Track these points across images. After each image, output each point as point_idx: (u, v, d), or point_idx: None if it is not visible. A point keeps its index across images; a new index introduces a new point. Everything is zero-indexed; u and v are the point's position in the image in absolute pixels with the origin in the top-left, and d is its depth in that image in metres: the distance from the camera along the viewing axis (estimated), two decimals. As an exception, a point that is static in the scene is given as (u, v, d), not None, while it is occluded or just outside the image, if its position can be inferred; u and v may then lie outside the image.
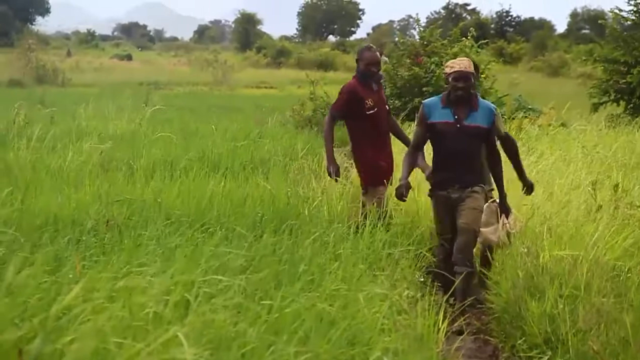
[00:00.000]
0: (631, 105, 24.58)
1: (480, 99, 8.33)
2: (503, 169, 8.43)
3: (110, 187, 9.87)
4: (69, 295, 4.04)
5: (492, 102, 9.72)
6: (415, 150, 8.55)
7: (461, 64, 8.14)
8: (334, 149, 9.78)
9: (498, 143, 8.45)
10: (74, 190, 9.84)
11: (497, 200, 8.59)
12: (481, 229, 8.38)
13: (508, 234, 8.65)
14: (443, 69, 9.01)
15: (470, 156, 8.20)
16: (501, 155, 8.43)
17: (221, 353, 4.53)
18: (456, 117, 8.11)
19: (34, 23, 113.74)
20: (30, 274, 4.51)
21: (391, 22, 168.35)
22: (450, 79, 8.12)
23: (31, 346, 3.32)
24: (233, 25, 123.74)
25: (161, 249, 6.71)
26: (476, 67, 8.79)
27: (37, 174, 11.17)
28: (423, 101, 8.47)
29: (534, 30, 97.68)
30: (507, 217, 8.61)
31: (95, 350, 3.82)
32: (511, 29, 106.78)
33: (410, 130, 14.45)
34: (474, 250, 8.35)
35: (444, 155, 8.24)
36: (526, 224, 8.93)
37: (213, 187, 9.90)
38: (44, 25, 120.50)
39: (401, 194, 8.25)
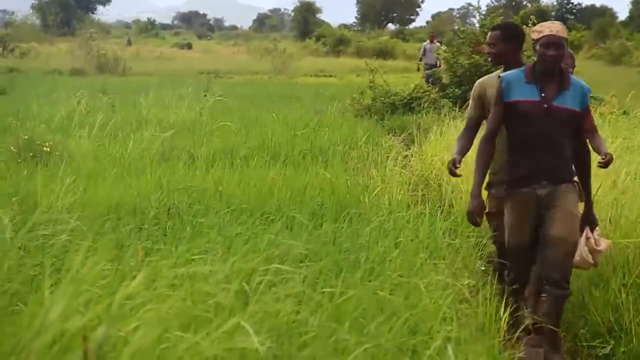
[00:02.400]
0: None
1: (573, 77, 6.63)
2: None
3: (171, 176, 9.93)
4: (132, 283, 4.06)
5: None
6: (490, 142, 6.66)
7: (552, 27, 6.43)
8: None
9: None
10: (135, 178, 9.92)
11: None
12: None
13: (592, 252, 6.70)
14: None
15: (560, 145, 6.48)
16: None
17: (283, 342, 4.53)
18: (543, 95, 6.43)
19: (95, 12, 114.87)
20: (93, 262, 4.54)
21: (451, 10, 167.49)
22: (537, 46, 6.41)
23: (95, 333, 3.35)
24: (292, 14, 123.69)
25: (222, 237, 6.74)
26: None
27: (99, 163, 11.30)
28: (501, 74, 6.75)
29: (595, 18, 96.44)
30: (591, 230, 6.74)
31: (158, 338, 3.84)
32: (572, 17, 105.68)
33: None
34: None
35: (526, 143, 6.50)
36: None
37: (273, 176, 9.92)
38: (105, 14, 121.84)
39: (475, 221, 6.73)
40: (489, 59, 7.86)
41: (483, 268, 7.88)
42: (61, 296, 3.57)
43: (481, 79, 7.66)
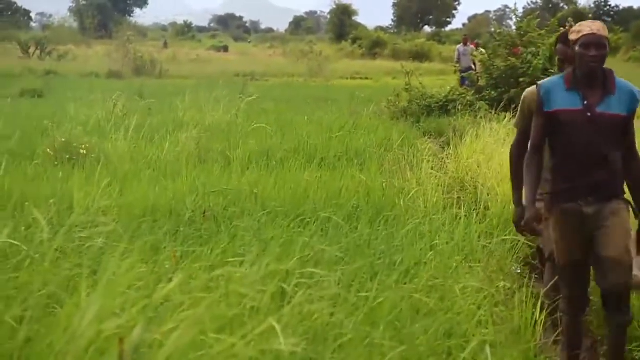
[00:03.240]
0: None
1: (618, 79, 5.92)
2: None
3: (207, 178, 9.97)
4: (167, 286, 4.08)
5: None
6: (536, 155, 6.00)
7: (592, 26, 5.82)
8: None
9: None
10: (171, 180, 9.98)
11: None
12: None
13: None
14: (566, 35, 6.54)
15: (608, 156, 5.77)
16: None
17: (318, 344, 4.54)
18: (586, 102, 5.76)
19: (132, 15, 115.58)
20: (129, 265, 4.56)
21: (487, 12, 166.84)
22: (577, 47, 5.78)
23: (131, 335, 3.36)
24: (328, 16, 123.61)
25: (257, 240, 6.75)
26: None
27: (135, 165, 11.35)
28: (539, 82, 6.06)
29: (632, 20, 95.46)
30: None
31: (193, 340, 3.85)
32: (609, 19, 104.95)
33: (508, 123, 14.30)
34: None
35: (569, 155, 5.83)
36: None
37: (308, 178, 9.93)
38: (141, 17, 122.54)
39: (532, 229, 6.13)
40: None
41: (519, 271, 7.84)
42: (97, 298, 3.59)
43: (531, 89, 6.78)
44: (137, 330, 3.37)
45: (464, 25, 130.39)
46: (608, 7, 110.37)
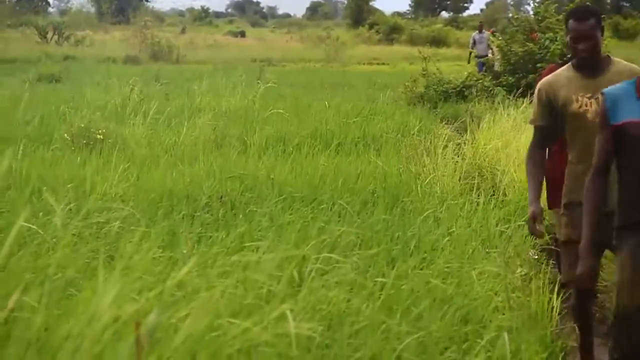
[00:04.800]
0: None
1: None
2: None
3: (224, 163, 9.97)
4: (182, 271, 4.08)
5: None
6: (599, 179, 4.84)
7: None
8: None
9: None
10: (188, 166, 9.98)
11: None
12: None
13: None
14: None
15: None
16: None
17: (334, 330, 4.54)
18: None
19: (149, 0, 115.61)
20: (146, 249, 4.57)
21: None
22: None
23: (147, 320, 3.37)
24: (346, 2, 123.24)
25: (274, 225, 6.75)
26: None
27: (152, 150, 11.38)
28: (603, 91, 4.90)
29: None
30: None
31: (210, 325, 3.86)
32: (627, 4, 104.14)
33: (524, 109, 14.21)
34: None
35: None
36: None
37: (325, 164, 9.92)
38: (159, 2, 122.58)
39: (586, 286, 5.06)
40: (583, 57, 5.62)
41: (536, 257, 7.82)
42: (114, 283, 3.60)
43: (547, 78, 5.91)
44: (153, 315, 3.37)
45: (481, 10, 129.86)
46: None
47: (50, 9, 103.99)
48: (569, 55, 6.92)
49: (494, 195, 9.44)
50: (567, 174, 5.72)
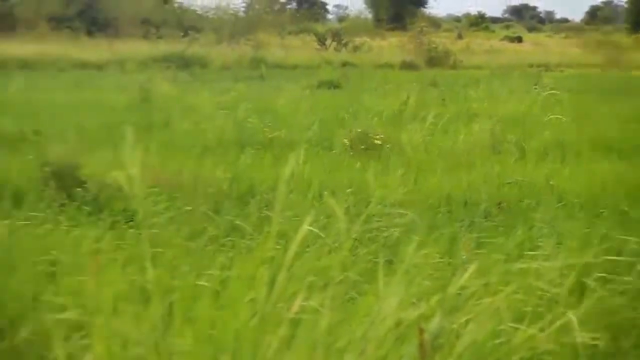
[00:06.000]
0: None
1: None
2: None
3: (501, 169, 9.90)
4: (463, 276, 4.07)
5: None
6: None
7: None
8: None
9: None
10: (465, 171, 9.96)
11: None
12: None
13: None
14: None
15: None
16: None
17: (619, 340, 4.40)
18: None
19: (425, 6, 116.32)
20: (426, 255, 4.60)
21: None
22: None
23: (430, 325, 3.39)
24: (626, 5, 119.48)
25: (553, 232, 6.63)
26: None
27: (429, 155, 11.43)
28: None
29: None
30: None
31: (492, 331, 3.83)
32: None
33: None
34: None
35: None
36: None
37: (605, 170, 9.66)
38: (435, 8, 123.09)
39: None
40: None
41: None
42: (396, 287, 3.64)
43: None
44: (435, 320, 3.39)
45: None
46: None
47: (329, 16, 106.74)
48: None
49: None
50: None
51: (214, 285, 4.29)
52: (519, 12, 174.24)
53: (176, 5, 66.86)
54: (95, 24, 55.15)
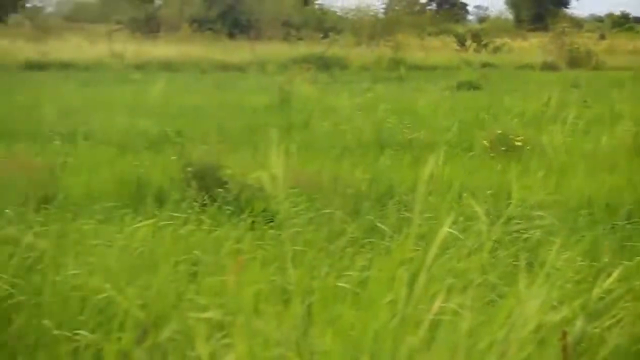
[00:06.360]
0: None
1: None
2: None
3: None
4: (607, 280, 4.01)
5: None
6: None
7: None
8: None
9: None
10: (607, 173, 9.79)
11: None
12: None
13: None
14: None
15: None
16: None
17: None
18: None
19: (567, 7, 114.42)
20: (568, 258, 4.55)
21: None
22: None
23: (573, 328, 3.35)
24: None
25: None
26: None
27: (571, 157, 11.25)
28: None
29: None
30: None
31: (637, 336, 3.78)
32: None
33: None
34: None
35: None
36: None
37: None
38: (578, 8, 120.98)
39: None
40: None
41: None
42: (537, 290, 3.60)
43: None
44: (578, 324, 3.35)
45: None
46: None
47: (469, 17, 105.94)
48: None
49: None
50: None
51: (353, 287, 4.33)
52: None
53: (316, 6, 67.53)
54: (236, 26, 56.06)
